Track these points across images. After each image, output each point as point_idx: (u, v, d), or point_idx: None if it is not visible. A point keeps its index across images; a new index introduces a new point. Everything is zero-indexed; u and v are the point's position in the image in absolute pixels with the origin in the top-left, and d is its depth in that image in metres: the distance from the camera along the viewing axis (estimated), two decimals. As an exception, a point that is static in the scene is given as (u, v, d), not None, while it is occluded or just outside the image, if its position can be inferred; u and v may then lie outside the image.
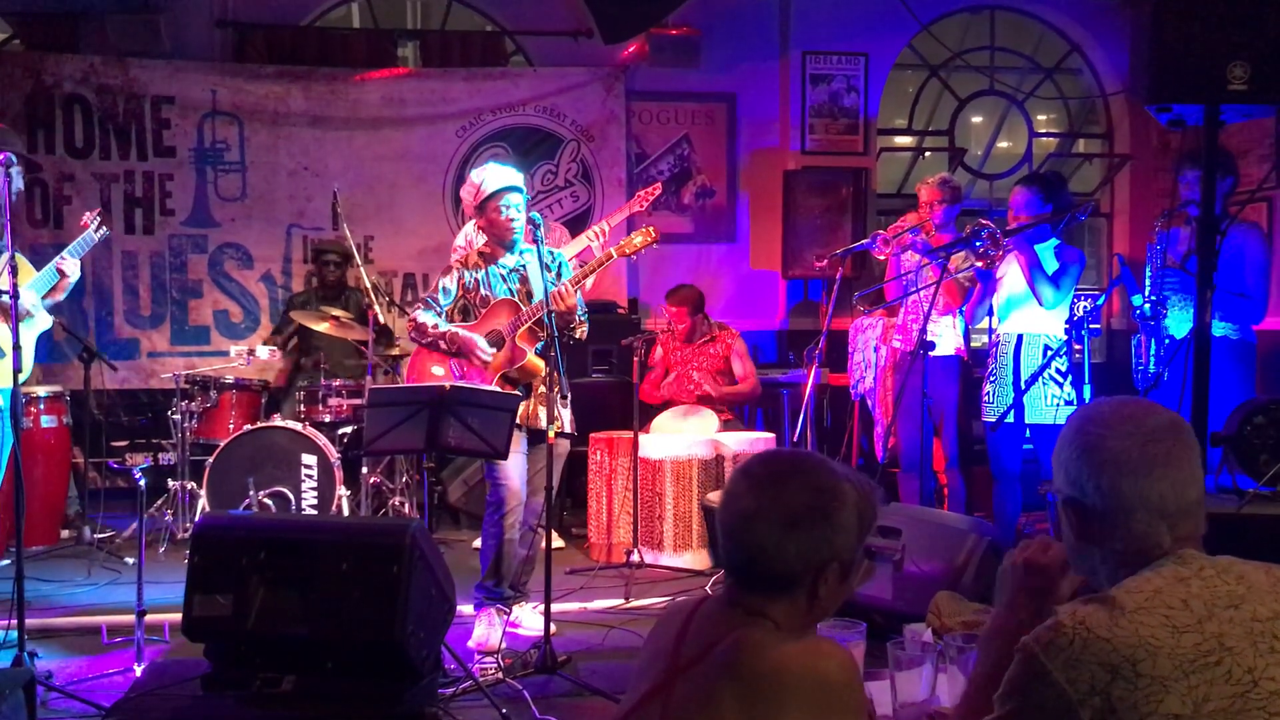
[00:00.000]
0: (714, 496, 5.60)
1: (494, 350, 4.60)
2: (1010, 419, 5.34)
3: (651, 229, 4.74)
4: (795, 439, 6.10)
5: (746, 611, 1.78)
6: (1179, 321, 5.11)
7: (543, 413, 4.57)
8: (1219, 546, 1.72)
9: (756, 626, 1.76)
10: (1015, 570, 1.88)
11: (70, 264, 4.69)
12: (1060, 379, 5.33)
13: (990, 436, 5.47)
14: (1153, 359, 5.12)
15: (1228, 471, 3.77)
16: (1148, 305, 5.16)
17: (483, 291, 4.68)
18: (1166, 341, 5.11)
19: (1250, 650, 1.49)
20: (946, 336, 5.64)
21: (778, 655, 1.70)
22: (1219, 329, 5.01)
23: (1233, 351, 5.14)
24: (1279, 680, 1.47)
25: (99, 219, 4.76)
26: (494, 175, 4.67)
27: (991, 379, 5.48)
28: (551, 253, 4.83)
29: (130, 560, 5.67)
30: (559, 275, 4.74)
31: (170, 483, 6.18)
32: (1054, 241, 5.39)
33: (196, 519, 5.60)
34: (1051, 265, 5.32)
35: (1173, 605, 1.53)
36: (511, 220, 4.60)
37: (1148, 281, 5.28)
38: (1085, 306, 5.56)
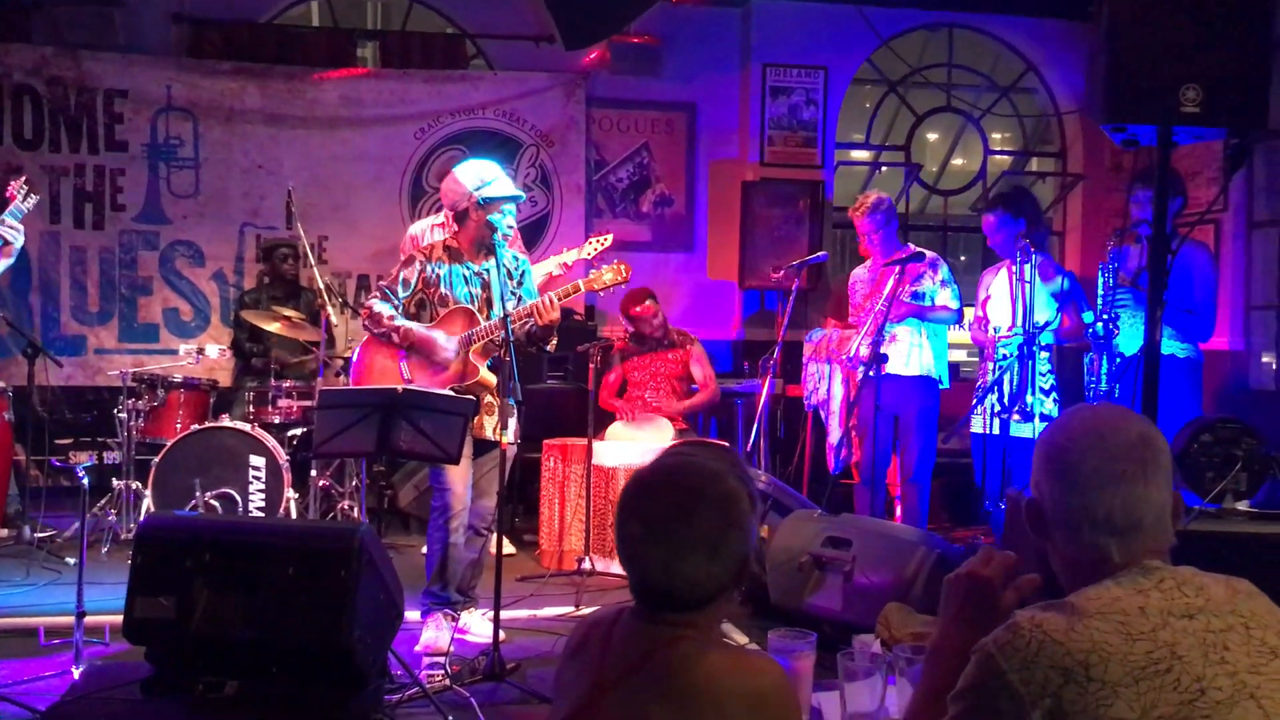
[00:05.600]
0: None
1: (450, 348, 4.54)
2: (996, 431, 5.46)
3: (623, 266, 4.68)
4: (749, 449, 6.13)
5: (669, 625, 1.76)
6: (1129, 338, 5.18)
7: (488, 423, 4.55)
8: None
9: (683, 640, 1.73)
10: (959, 582, 1.88)
11: (10, 229, 4.56)
12: (1044, 395, 5.45)
13: (976, 449, 5.60)
14: (1104, 376, 5.19)
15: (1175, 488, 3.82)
16: (1100, 324, 5.24)
17: (442, 289, 4.59)
18: (1118, 360, 5.19)
19: (1201, 660, 1.50)
20: (911, 356, 5.69)
21: (710, 669, 1.69)
22: (1169, 347, 5.09)
23: (1181, 369, 5.22)
24: (1225, 690, 1.49)
25: (26, 187, 4.67)
26: (504, 181, 4.60)
27: (981, 392, 5.57)
28: (515, 257, 4.79)
29: (71, 560, 5.55)
30: (521, 282, 4.70)
31: (115, 482, 6.08)
32: (1037, 259, 5.56)
33: (141, 519, 5.50)
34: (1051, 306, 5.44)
35: (1129, 612, 1.54)
36: (500, 230, 4.55)
37: (1100, 300, 5.36)
38: (1035, 323, 5.63)
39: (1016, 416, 5.43)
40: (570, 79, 8.03)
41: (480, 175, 4.57)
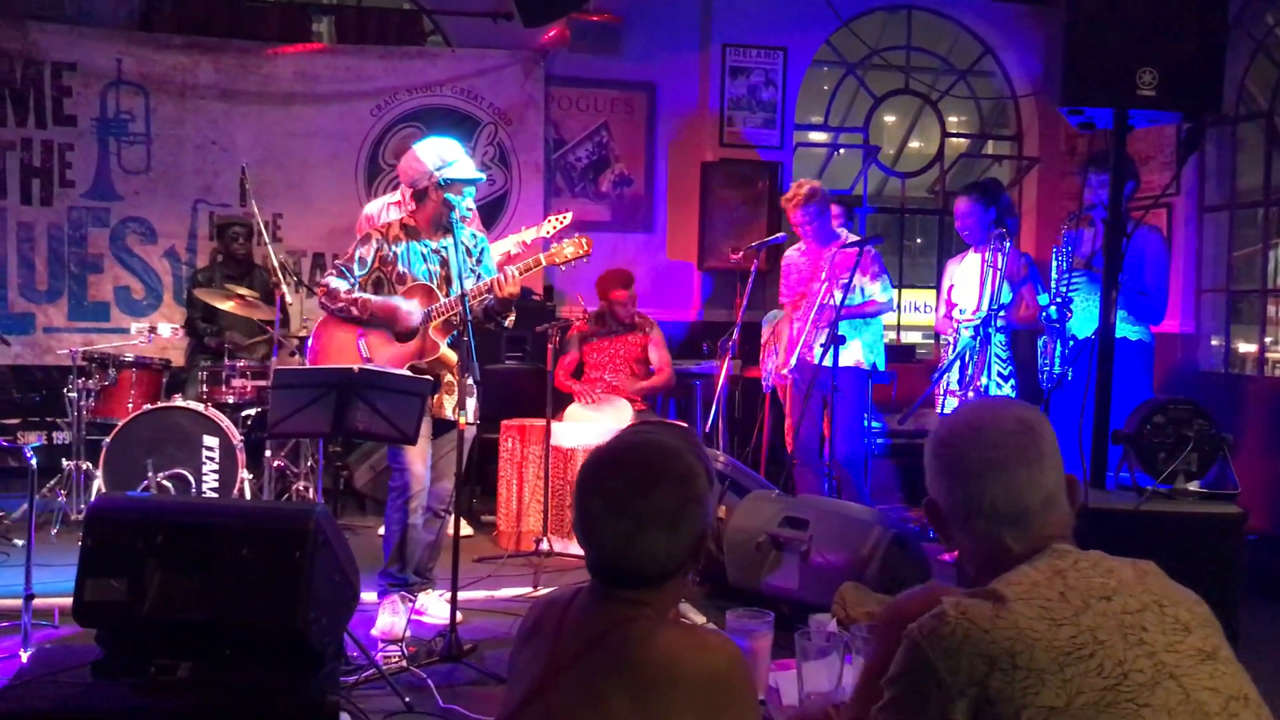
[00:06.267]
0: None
1: (414, 311, 4.48)
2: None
3: (584, 240, 4.66)
4: (707, 430, 6.14)
5: (626, 602, 1.76)
6: (1083, 321, 5.23)
7: (447, 402, 4.51)
8: (1119, 542, 1.75)
9: (639, 618, 1.73)
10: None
11: None
12: (1002, 381, 5.50)
13: None
14: (1058, 359, 5.25)
15: (1128, 469, 3.86)
16: (1054, 307, 5.29)
17: (400, 268, 4.54)
18: (1071, 342, 5.24)
19: (1121, 643, 1.51)
20: (842, 350, 5.73)
21: (666, 648, 1.68)
22: (1121, 329, 5.15)
23: (1134, 352, 5.29)
24: (1146, 671, 1.50)
25: None
26: (465, 163, 4.53)
27: (943, 374, 5.63)
28: (474, 235, 4.75)
29: (19, 542, 5.47)
30: (480, 260, 4.67)
31: (65, 463, 5.99)
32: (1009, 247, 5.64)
33: (91, 500, 5.43)
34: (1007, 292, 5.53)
35: (1050, 598, 1.55)
36: (460, 210, 4.50)
37: (1054, 283, 5.42)
38: (992, 306, 5.68)
39: (971, 394, 5.49)
40: (529, 57, 7.97)
41: (441, 155, 4.51)
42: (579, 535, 1.82)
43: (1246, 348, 7.73)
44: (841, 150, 9.09)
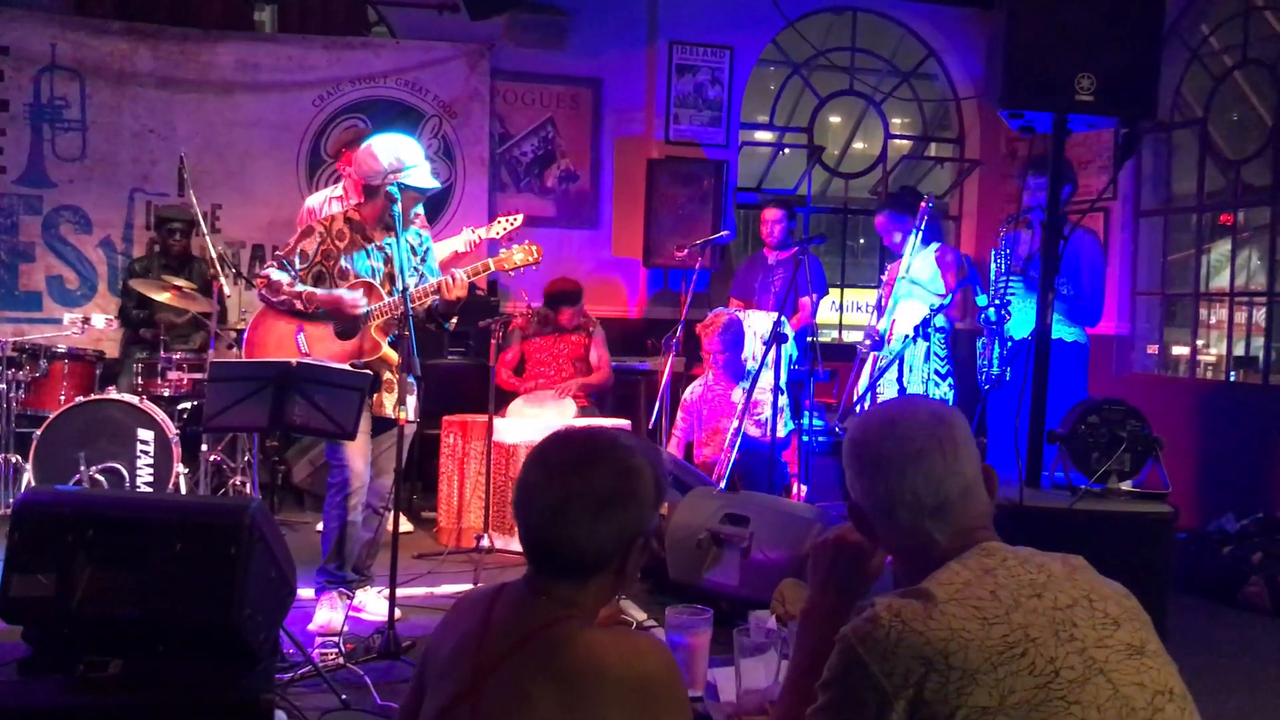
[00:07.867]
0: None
1: (360, 300, 4.43)
2: None
3: (534, 247, 4.63)
4: (650, 427, 6.15)
5: (554, 600, 1.74)
6: (1020, 323, 5.31)
7: (387, 401, 4.46)
8: (1052, 541, 1.78)
9: (568, 619, 1.72)
10: (825, 548, 1.90)
11: None
12: (939, 379, 5.55)
13: None
14: (996, 360, 5.32)
15: (1062, 469, 3.93)
16: (992, 309, 5.36)
17: (343, 263, 4.47)
18: (1009, 344, 5.31)
19: (1052, 640, 1.53)
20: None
21: (596, 651, 1.67)
22: (1058, 331, 5.23)
23: (1070, 353, 5.37)
24: (1077, 668, 1.51)
25: None
26: (423, 169, 4.44)
27: (881, 374, 5.68)
28: (419, 234, 4.70)
29: (-55, 536, 5.34)
30: (424, 259, 4.62)
31: (-8, 456, 5.85)
32: (935, 246, 5.67)
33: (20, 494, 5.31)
34: (937, 283, 5.56)
35: (982, 596, 1.56)
36: (407, 217, 4.45)
37: (992, 285, 5.49)
38: (932, 305, 5.74)
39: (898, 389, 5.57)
40: (474, 50, 7.91)
41: (400, 156, 4.41)
42: (514, 506, 1.82)
43: (1180, 350, 7.89)
44: (786, 150, 9.14)
